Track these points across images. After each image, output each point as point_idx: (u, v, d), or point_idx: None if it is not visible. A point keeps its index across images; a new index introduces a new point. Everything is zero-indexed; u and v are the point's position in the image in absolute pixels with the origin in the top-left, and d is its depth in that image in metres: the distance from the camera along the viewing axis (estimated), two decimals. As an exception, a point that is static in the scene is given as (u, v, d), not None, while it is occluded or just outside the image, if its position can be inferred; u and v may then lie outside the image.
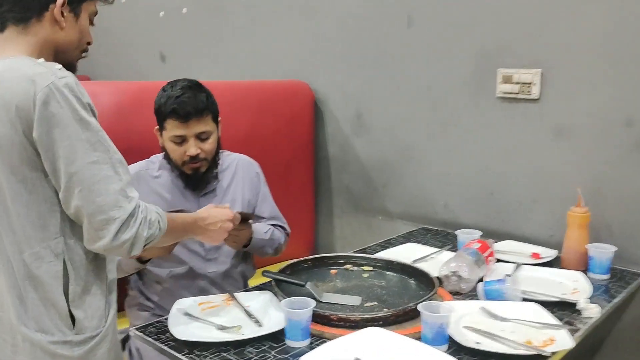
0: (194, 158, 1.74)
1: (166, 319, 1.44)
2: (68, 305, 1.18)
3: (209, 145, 1.77)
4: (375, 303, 1.50)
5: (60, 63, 1.27)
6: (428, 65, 2.29)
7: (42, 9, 1.20)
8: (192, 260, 1.82)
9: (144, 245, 1.18)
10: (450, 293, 1.60)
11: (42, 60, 1.16)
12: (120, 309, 1.97)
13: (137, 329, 1.42)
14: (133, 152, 1.95)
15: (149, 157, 1.90)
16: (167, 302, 1.78)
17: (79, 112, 1.11)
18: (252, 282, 1.94)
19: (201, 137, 1.75)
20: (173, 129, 1.73)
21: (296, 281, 1.55)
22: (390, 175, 2.48)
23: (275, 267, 1.75)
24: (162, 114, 1.74)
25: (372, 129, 2.51)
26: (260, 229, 1.84)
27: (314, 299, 1.48)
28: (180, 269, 1.81)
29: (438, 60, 2.26)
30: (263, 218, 1.93)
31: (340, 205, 2.70)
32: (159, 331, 1.40)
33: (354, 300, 1.52)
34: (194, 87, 1.75)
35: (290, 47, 2.76)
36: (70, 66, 1.30)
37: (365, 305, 1.50)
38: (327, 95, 2.65)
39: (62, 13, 1.22)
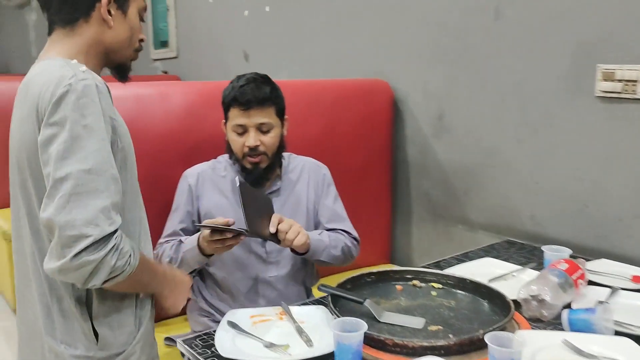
0: (253, 150, 1.69)
1: (215, 331, 1.37)
2: (91, 320, 1.13)
3: (270, 138, 1.71)
4: (440, 327, 1.35)
5: (112, 64, 1.25)
6: (517, 60, 2.07)
7: (89, 9, 1.16)
8: (252, 262, 1.76)
9: (107, 279, 1.04)
10: (529, 320, 1.41)
11: (74, 61, 1.12)
12: (183, 312, 1.95)
13: (183, 340, 1.36)
14: (202, 152, 1.94)
15: (216, 158, 1.87)
16: (226, 307, 1.75)
17: (87, 118, 1.04)
18: (317, 292, 1.84)
19: (262, 129, 1.70)
20: (234, 117, 1.70)
21: (354, 297, 1.42)
22: (473, 181, 2.29)
23: (335, 279, 1.63)
24: (226, 104, 1.73)
25: (454, 131, 2.33)
26: (313, 233, 1.73)
27: (373, 318, 1.36)
28: (240, 272, 1.75)
29: (528, 55, 2.04)
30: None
31: (419, 213, 2.54)
32: (204, 344, 1.33)
33: (417, 322, 1.38)
34: (260, 79, 1.73)
35: (371, 44, 2.64)
36: (123, 66, 1.27)
37: (429, 328, 1.35)
38: (407, 94, 2.50)
39: (109, 11, 1.18)
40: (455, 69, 2.28)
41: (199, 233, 1.62)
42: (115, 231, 1.03)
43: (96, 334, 1.15)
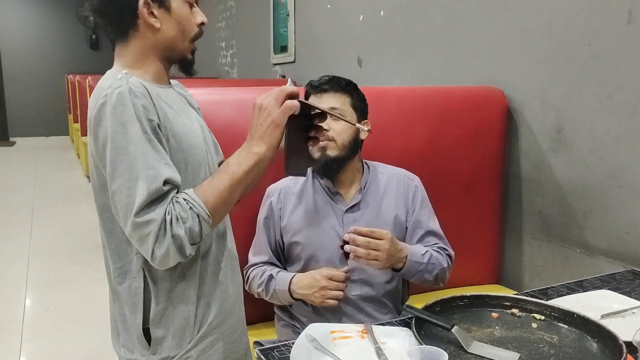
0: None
1: (293, 343, 1.33)
2: (146, 324, 1.14)
3: (339, 125, 1.66)
4: (536, 366, 1.21)
5: (173, 61, 1.23)
6: (652, 69, 1.84)
7: (133, 18, 1.16)
8: None
9: (195, 241, 1.07)
10: (646, 368, 1.22)
11: (124, 71, 1.13)
12: (272, 318, 1.94)
13: (260, 350, 1.33)
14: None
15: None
16: (309, 321, 1.70)
17: (125, 126, 1.04)
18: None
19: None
20: None
21: (440, 323, 1.31)
22: (594, 202, 2.06)
23: (427, 298, 1.52)
24: (305, 95, 1.73)
25: (574, 146, 2.11)
26: (417, 251, 1.65)
27: (461, 347, 1.25)
28: None
29: (666, 64, 1.80)
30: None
31: (531, 231, 2.34)
32: (281, 356, 1.30)
33: (510, 356, 1.24)
34: (343, 78, 1.73)
35: (487, 49, 2.48)
36: (184, 60, 1.24)
37: (523, 366, 1.21)
38: (524, 103, 2.32)
39: (152, 14, 1.16)
40: (579, 78, 2.07)
41: (291, 275, 1.66)
42: (165, 209, 1.04)
43: (149, 339, 1.16)
